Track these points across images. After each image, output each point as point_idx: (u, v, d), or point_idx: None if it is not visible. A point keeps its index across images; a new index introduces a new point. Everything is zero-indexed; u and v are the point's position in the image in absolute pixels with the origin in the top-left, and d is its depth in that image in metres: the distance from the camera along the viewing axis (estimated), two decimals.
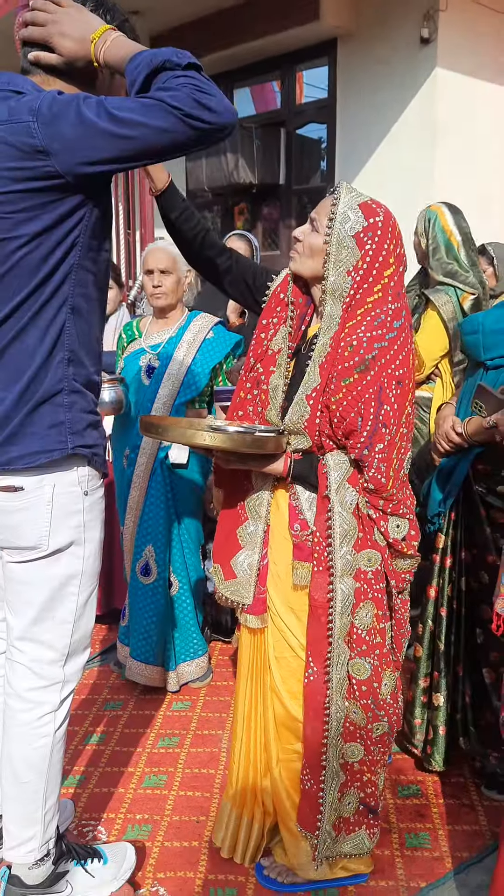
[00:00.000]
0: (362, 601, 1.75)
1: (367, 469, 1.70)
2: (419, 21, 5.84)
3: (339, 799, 1.85)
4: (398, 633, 1.84)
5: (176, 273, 2.85)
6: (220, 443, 1.70)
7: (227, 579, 1.91)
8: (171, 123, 1.45)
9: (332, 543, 1.72)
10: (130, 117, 1.45)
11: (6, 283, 1.57)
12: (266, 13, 6.54)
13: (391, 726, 1.86)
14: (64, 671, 1.77)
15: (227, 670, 3.09)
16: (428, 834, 2.17)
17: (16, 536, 1.68)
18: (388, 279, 1.71)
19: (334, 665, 1.76)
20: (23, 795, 1.77)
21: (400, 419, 1.71)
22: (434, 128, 5.96)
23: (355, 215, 1.69)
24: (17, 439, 1.62)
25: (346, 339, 1.71)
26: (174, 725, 2.70)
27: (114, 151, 1.48)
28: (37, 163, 1.49)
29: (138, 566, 2.87)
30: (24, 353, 1.60)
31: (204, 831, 2.17)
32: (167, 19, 7.17)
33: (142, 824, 2.20)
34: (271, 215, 7.80)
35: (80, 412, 1.68)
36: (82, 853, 1.92)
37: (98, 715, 2.77)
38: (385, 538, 1.74)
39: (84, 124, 1.46)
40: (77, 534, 1.72)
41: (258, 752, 1.99)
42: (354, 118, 6.58)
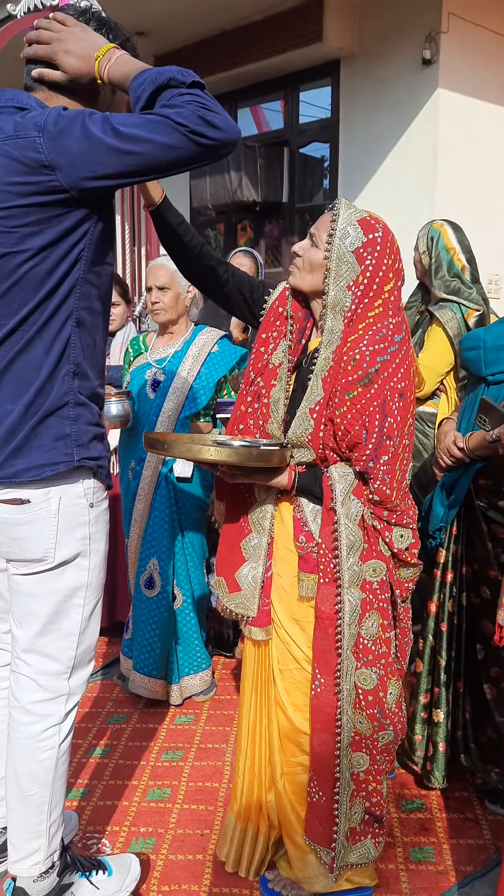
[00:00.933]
0: (368, 611, 1.77)
1: (373, 481, 1.72)
2: (421, 42, 5.93)
3: (350, 808, 1.85)
4: (402, 641, 1.86)
5: (174, 289, 2.88)
6: (225, 457, 1.71)
7: (232, 592, 1.92)
8: (177, 140, 1.48)
9: (339, 555, 1.74)
10: (136, 133, 1.48)
11: (12, 296, 1.59)
12: (269, 34, 6.64)
13: (396, 734, 1.87)
14: (69, 683, 1.78)
15: (231, 684, 3.09)
16: (432, 848, 2.17)
17: (22, 549, 1.69)
18: (388, 294, 1.74)
19: (344, 676, 1.77)
20: (27, 808, 1.77)
21: (403, 431, 1.73)
22: (435, 147, 6.03)
23: (355, 231, 1.72)
24: (24, 452, 1.64)
25: (349, 353, 1.73)
26: (178, 739, 2.71)
27: (119, 167, 1.51)
28: (42, 177, 1.51)
29: (142, 579, 2.88)
30: (30, 366, 1.62)
31: (208, 844, 2.17)
32: (172, 40, 7.27)
33: (146, 837, 2.21)
34: (273, 233, 7.88)
35: (85, 424, 1.70)
36: (87, 865, 1.92)
37: (102, 728, 2.78)
38: (390, 548, 1.76)
39: (89, 140, 1.49)
40: (83, 546, 1.74)
41: (262, 765, 1.99)
42: (357, 137, 6.65)
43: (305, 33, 6.36)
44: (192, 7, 6.47)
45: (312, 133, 7.30)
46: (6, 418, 1.63)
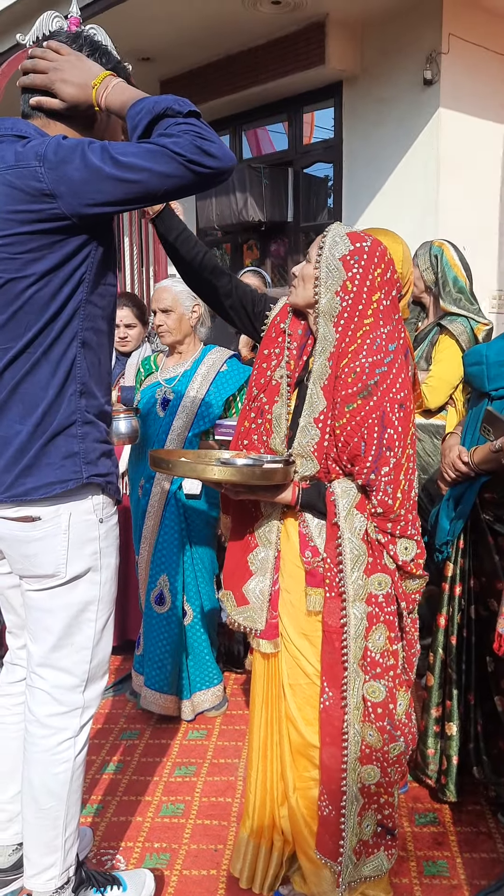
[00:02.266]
0: (375, 624, 1.78)
1: (375, 493, 1.73)
2: (422, 63, 6.01)
3: (359, 823, 1.86)
4: (409, 652, 1.87)
5: (178, 310, 2.91)
6: (228, 476, 1.74)
7: (240, 605, 1.94)
8: (174, 169, 1.52)
9: (343, 569, 1.76)
10: (134, 162, 1.51)
11: (18, 319, 1.63)
12: (273, 58, 6.75)
13: (407, 745, 1.87)
14: (83, 697, 1.80)
15: (242, 699, 3.10)
16: (446, 862, 2.17)
17: (34, 565, 1.72)
18: (376, 303, 1.77)
19: (350, 689, 1.78)
20: (43, 822, 1.79)
21: (405, 441, 1.75)
22: (438, 166, 6.10)
23: (342, 241, 1.78)
24: (33, 471, 1.67)
25: (349, 364, 1.75)
26: (190, 754, 2.72)
27: (118, 194, 1.55)
28: (43, 205, 1.56)
29: (153, 595, 2.90)
30: (37, 387, 1.66)
31: (222, 860, 2.18)
32: (177, 65, 7.39)
33: (160, 853, 2.21)
34: (279, 252, 7.95)
35: (93, 442, 1.73)
36: (102, 880, 1.94)
37: (115, 744, 2.79)
38: (395, 561, 1.78)
39: (89, 168, 1.52)
40: (93, 560, 1.77)
41: (275, 780, 2.00)
42: (360, 157, 6.73)
43: (308, 56, 6.46)
44: (196, 32, 6.58)
45: (316, 153, 7.39)
46: (15, 438, 1.66)
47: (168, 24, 6.35)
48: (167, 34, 6.57)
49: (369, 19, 6.31)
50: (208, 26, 6.45)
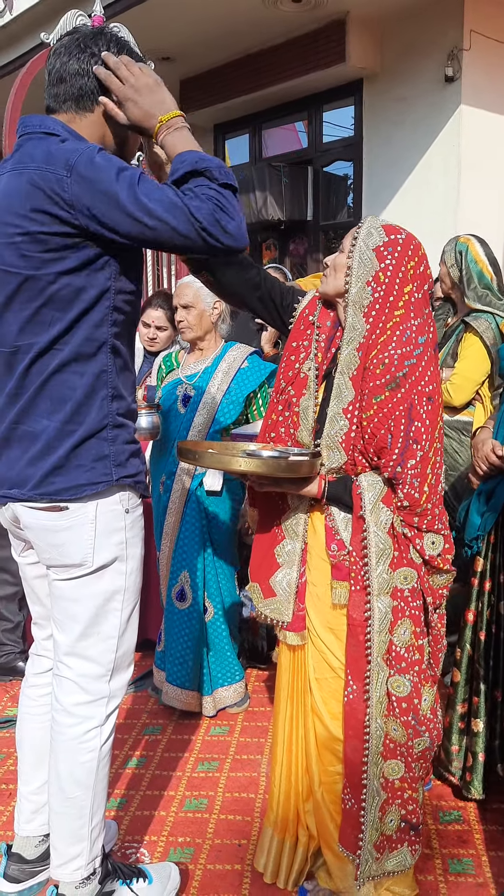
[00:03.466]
0: (400, 619, 1.77)
1: (402, 486, 1.72)
2: (443, 60, 5.99)
3: (381, 818, 1.84)
4: (435, 648, 1.86)
5: (199, 307, 2.92)
6: (254, 468, 1.75)
7: (267, 597, 1.94)
8: (188, 230, 1.55)
9: (369, 563, 1.75)
10: (154, 208, 1.54)
11: (42, 315, 1.65)
12: (293, 56, 6.74)
13: (432, 741, 1.86)
14: (109, 686, 1.82)
15: (265, 696, 3.10)
16: (471, 860, 2.16)
17: (61, 554, 1.74)
18: (408, 295, 1.76)
19: (374, 683, 1.78)
20: (70, 811, 1.80)
21: (433, 435, 1.74)
22: (459, 164, 6.07)
23: (377, 232, 1.79)
24: (64, 471, 1.69)
25: (378, 355, 1.75)
26: (213, 750, 2.72)
27: (128, 230, 1.57)
28: (62, 212, 1.58)
29: (174, 592, 2.91)
30: (65, 385, 1.68)
31: (246, 855, 2.18)
32: (197, 65, 7.41)
33: (184, 847, 2.22)
34: (298, 251, 7.95)
35: (122, 444, 1.76)
36: (128, 872, 1.94)
37: (137, 739, 2.80)
38: (421, 556, 1.77)
39: (110, 196, 1.55)
40: (120, 550, 1.78)
41: (299, 774, 1.99)
42: (380, 155, 6.71)
43: (328, 54, 6.45)
44: (216, 31, 6.59)
45: (336, 152, 7.38)
46: (42, 433, 1.68)
47: (188, 23, 6.37)
48: (188, 33, 6.59)
49: (390, 16, 6.29)
50: (228, 25, 6.46)
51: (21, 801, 2.01)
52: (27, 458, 1.70)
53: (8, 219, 1.61)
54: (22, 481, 1.70)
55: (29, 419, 1.69)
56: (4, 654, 3.26)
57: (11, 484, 1.72)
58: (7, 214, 1.62)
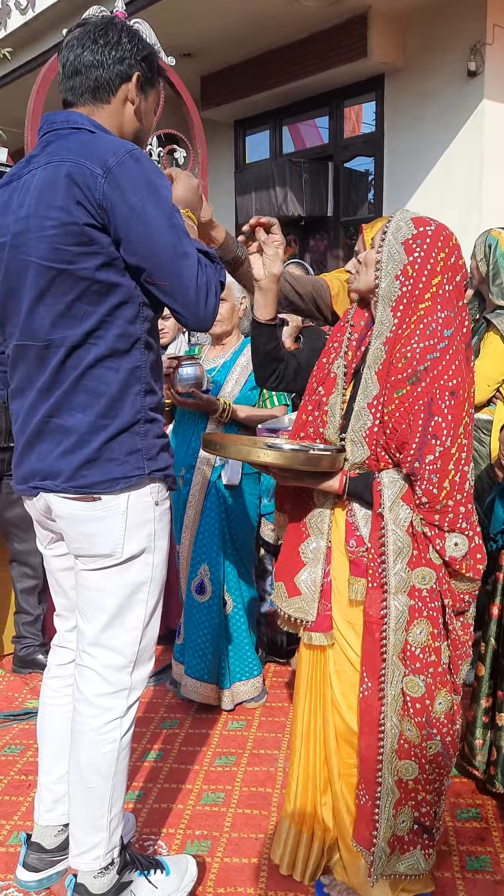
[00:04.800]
0: (416, 619, 1.75)
1: (419, 482, 1.70)
2: (466, 54, 5.94)
3: (394, 816, 1.83)
4: (454, 654, 1.81)
5: (230, 300, 2.94)
6: (273, 460, 1.76)
7: (291, 596, 1.93)
8: (190, 277, 1.64)
9: (386, 560, 1.74)
10: (176, 244, 1.62)
11: (76, 309, 1.66)
12: (314, 52, 6.72)
13: (445, 747, 1.83)
14: (131, 678, 1.83)
15: (282, 692, 3.10)
16: (489, 857, 2.15)
17: (91, 545, 1.75)
18: (436, 287, 1.74)
19: (388, 681, 1.76)
20: (89, 801, 1.81)
21: (456, 430, 1.70)
22: (481, 159, 6.02)
23: (406, 225, 1.77)
24: (97, 464, 1.71)
25: (402, 349, 1.74)
26: (230, 744, 2.73)
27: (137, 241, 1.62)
28: (90, 208, 1.60)
29: (193, 585, 2.92)
30: (100, 381, 1.70)
31: (262, 849, 2.18)
32: (218, 61, 7.41)
33: (201, 840, 2.23)
34: (319, 247, 7.93)
35: (153, 438, 1.78)
36: (146, 864, 1.95)
37: (155, 733, 2.81)
38: (441, 556, 1.73)
39: (138, 218, 1.59)
40: (148, 542, 1.80)
41: (318, 767, 1.99)
42: (401, 151, 6.68)
43: (350, 49, 6.43)
44: (237, 28, 6.59)
45: (357, 147, 7.35)
46: (76, 427, 1.70)
47: (209, 19, 6.38)
48: (208, 30, 6.59)
49: (412, 11, 6.26)
50: (250, 21, 6.46)
51: (42, 791, 2.02)
52: (59, 451, 1.72)
53: (43, 211, 1.63)
54: (54, 473, 1.72)
55: (62, 413, 1.71)
56: (24, 647, 3.30)
57: (44, 476, 1.74)
58: (42, 207, 1.63)
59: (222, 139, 8.29)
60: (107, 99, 1.76)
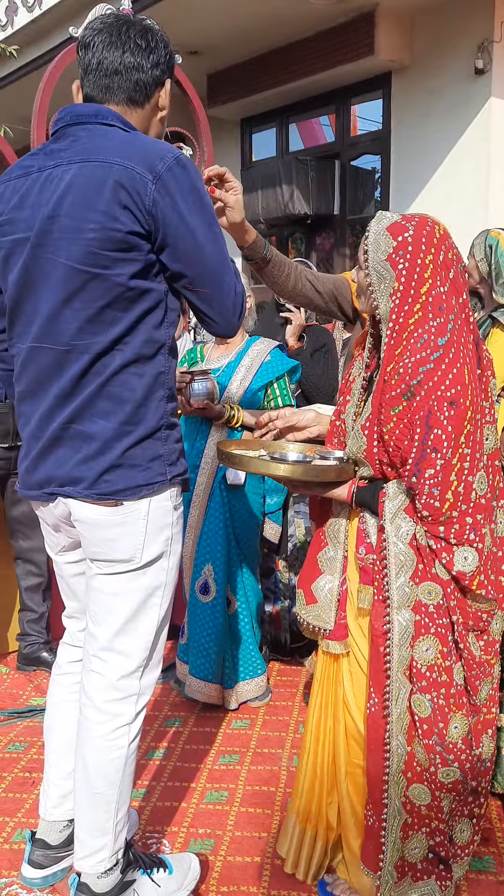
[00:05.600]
0: (422, 635, 1.70)
1: (419, 497, 1.65)
2: (473, 52, 5.92)
3: (403, 839, 1.78)
4: (469, 674, 1.74)
5: None
6: (284, 473, 1.80)
7: (308, 604, 1.92)
8: (231, 287, 1.70)
9: (388, 574, 1.71)
10: (218, 260, 1.67)
11: (105, 315, 1.64)
12: (321, 50, 6.71)
13: (465, 774, 1.76)
14: (140, 683, 1.82)
15: (286, 691, 3.10)
16: (492, 858, 2.14)
17: (111, 549, 1.74)
18: (426, 295, 1.67)
19: (393, 699, 1.72)
20: (96, 805, 1.81)
21: (457, 440, 1.64)
22: (489, 157, 6.00)
23: (385, 239, 1.68)
24: (122, 471, 1.69)
25: (394, 367, 1.69)
26: (234, 743, 2.73)
27: (181, 257, 1.64)
28: (138, 213, 1.58)
29: (197, 585, 2.92)
30: (125, 387, 1.68)
31: (266, 847, 2.19)
32: (225, 59, 7.40)
33: (204, 838, 2.23)
34: (325, 245, 7.91)
35: (173, 443, 1.77)
36: (148, 863, 1.95)
37: (159, 731, 2.82)
38: (448, 570, 1.68)
39: (187, 226, 1.60)
40: (166, 546, 1.79)
41: (325, 765, 1.98)
42: (408, 149, 6.66)
43: (357, 47, 6.41)
44: (244, 26, 6.58)
45: (364, 145, 7.33)
46: (99, 434, 1.68)
47: (216, 17, 6.37)
48: (215, 27, 6.58)
49: (419, 8, 6.24)
50: (257, 19, 6.45)
51: (49, 787, 2.01)
52: (79, 458, 1.69)
53: (80, 213, 1.59)
54: (75, 480, 1.70)
55: (84, 419, 1.68)
56: (28, 645, 3.30)
57: (62, 482, 1.72)
58: (79, 209, 1.59)
59: (229, 137, 8.28)
60: (141, 103, 1.74)
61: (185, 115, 4.42)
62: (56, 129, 1.73)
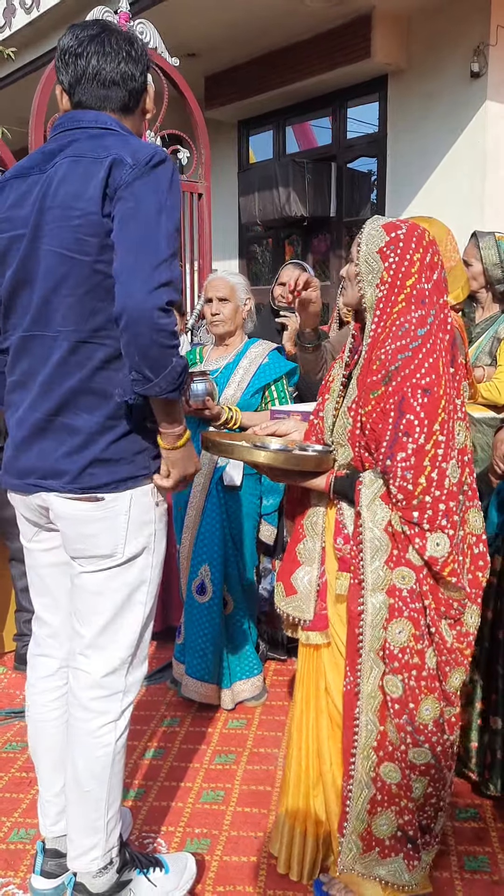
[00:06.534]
0: (396, 618, 1.74)
1: (392, 480, 1.70)
2: (469, 56, 5.94)
3: (370, 814, 1.83)
4: (441, 660, 1.79)
5: (234, 301, 2.95)
6: (264, 460, 1.83)
7: (288, 595, 1.95)
8: (149, 271, 1.57)
9: (364, 558, 1.76)
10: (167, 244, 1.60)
11: (84, 303, 1.66)
12: (318, 52, 6.72)
13: (436, 757, 1.80)
14: (125, 681, 1.83)
15: (283, 690, 3.11)
16: (487, 858, 2.15)
17: (93, 545, 1.75)
18: (410, 288, 1.76)
19: (364, 677, 1.77)
20: (85, 803, 1.81)
21: (430, 427, 1.68)
22: (484, 160, 6.02)
23: (378, 234, 1.79)
24: (106, 464, 1.71)
25: (377, 352, 1.77)
26: (230, 743, 2.74)
27: (125, 239, 1.60)
28: (111, 192, 1.61)
29: (194, 585, 2.92)
30: (109, 382, 1.69)
31: (262, 847, 2.19)
32: (222, 61, 7.41)
33: (200, 838, 2.24)
34: (321, 247, 7.93)
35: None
36: (145, 862, 1.95)
37: (155, 731, 2.82)
38: (420, 555, 1.72)
39: (135, 197, 1.59)
40: (148, 542, 1.80)
41: (310, 758, 2.00)
42: (404, 152, 6.68)
43: (354, 50, 6.43)
44: (241, 28, 6.59)
45: (360, 148, 7.35)
46: (83, 427, 1.70)
47: (213, 19, 6.38)
48: (212, 30, 6.59)
49: (416, 12, 6.26)
50: (254, 21, 6.46)
51: (44, 805, 1.98)
52: (63, 451, 1.71)
53: (70, 202, 1.63)
54: (58, 473, 1.71)
55: (69, 412, 1.70)
56: (25, 645, 3.30)
57: (44, 474, 1.73)
58: (70, 198, 1.63)
59: (226, 139, 8.29)
60: (133, 109, 1.80)
61: (182, 117, 4.44)
62: (56, 133, 1.76)
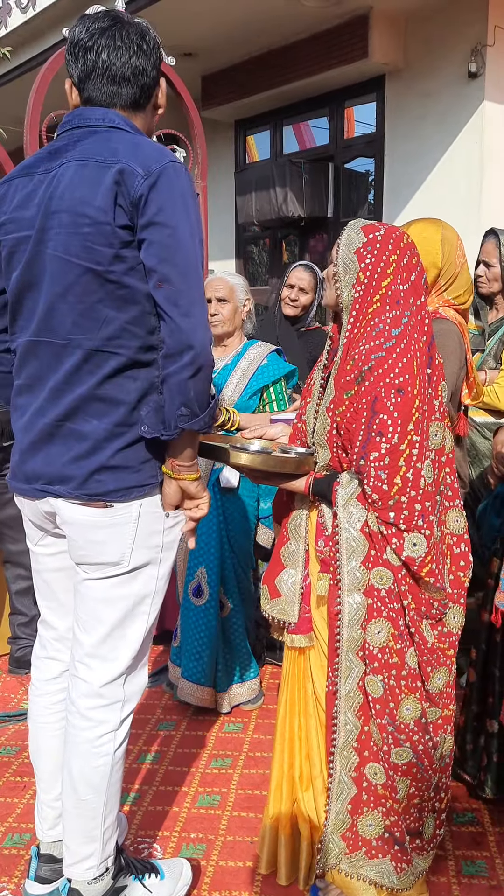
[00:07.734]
0: (374, 618, 1.74)
1: (367, 480, 1.70)
2: (467, 56, 5.94)
3: (351, 811, 1.83)
4: (422, 660, 1.78)
5: (233, 302, 2.94)
6: (246, 462, 1.83)
7: (273, 598, 1.96)
8: (198, 297, 1.61)
9: (340, 558, 1.76)
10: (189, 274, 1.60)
11: (97, 311, 1.64)
12: (315, 52, 6.71)
13: (419, 757, 1.79)
14: (125, 690, 1.81)
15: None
16: (485, 862, 2.14)
17: (98, 552, 1.73)
18: (385, 289, 1.76)
19: (342, 677, 1.77)
20: (82, 812, 1.79)
21: (405, 427, 1.68)
22: (481, 160, 6.02)
23: (357, 235, 1.79)
24: (113, 472, 1.68)
25: (351, 352, 1.78)
26: (227, 747, 2.72)
27: (153, 259, 1.60)
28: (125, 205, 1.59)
29: (190, 588, 2.91)
30: (119, 389, 1.68)
31: (258, 852, 2.17)
32: (219, 61, 7.40)
33: (196, 843, 2.22)
34: (318, 247, 7.92)
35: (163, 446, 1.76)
36: (140, 868, 1.94)
37: (151, 734, 2.80)
38: (398, 556, 1.72)
39: (165, 222, 1.57)
40: (155, 553, 1.77)
41: (301, 762, 1.98)
42: (402, 152, 6.67)
43: (351, 50, 6.42)
44: (239, 28, 6.58)
45: (357, 148, 7.34)
46: (91, 434, 1.68)
47: (211, 19, 6.37)
48: (210, 29, 6.58)
49: (413, 12, 6.25)
50: (251, 21, 6.45)
51: (42, 809, 1.97)
52: (70, 457, 1.69)
53: (79, 208, 1.60)
54: (64, 478, 1.69)
55: (78, 418, 1.68)
56: (20, 648, 3.29)
57: (51, 479, 1.71)
58: (78, 204, 1.60)
59: (223, 139, 8.28)
60: (144, 105, 1.76)
61: (178, 117, 4.42)
62: (62, 132, 1.73)
